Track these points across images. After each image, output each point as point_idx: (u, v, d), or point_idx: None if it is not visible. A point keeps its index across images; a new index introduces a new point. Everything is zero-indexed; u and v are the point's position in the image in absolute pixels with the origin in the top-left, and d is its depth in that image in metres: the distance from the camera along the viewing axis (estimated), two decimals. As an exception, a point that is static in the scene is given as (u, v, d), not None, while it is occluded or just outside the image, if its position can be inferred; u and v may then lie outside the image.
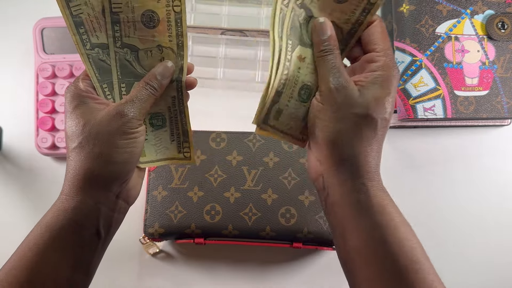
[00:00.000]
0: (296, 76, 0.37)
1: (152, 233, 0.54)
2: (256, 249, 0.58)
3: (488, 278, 0.58)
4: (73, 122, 0.37)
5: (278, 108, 0.38)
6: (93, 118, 0.36)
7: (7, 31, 0.64)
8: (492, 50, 0.58)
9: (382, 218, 0.35)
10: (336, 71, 0.36)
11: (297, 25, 0.37)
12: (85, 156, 0.36)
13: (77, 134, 0.36)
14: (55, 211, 0.36)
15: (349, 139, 0.35)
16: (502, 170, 0.61)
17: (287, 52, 0.36)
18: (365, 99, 0.35)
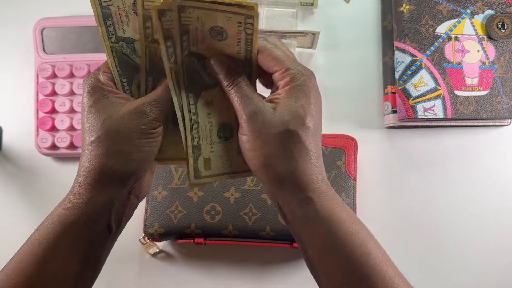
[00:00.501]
0: (208, 123, 0.37)
1: (152, 233, 0.54)
2: (256, 249, 0.58)
3: (488, 278, 0.58)
4: (93, 115, 0.36)
5: (203, 158, 0.38)
6: (114, 113, 0.36)
7: (7, 31, 0.64)
8: (492, 50, 0.58)
9: (332, 227, 0.35)
10: (246, 98, 0.36)
11: (195, 74, 0.37)
12: (102, 151, 0.35)
13: (96, 128, 0.36)
14: (67, 205, 0.36)
15: (279, 159, 0.35)
16: (502, 170, 0.61)
17: (190, 106, 0.37)
18: (280, 116, 0.35)
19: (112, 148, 0.36)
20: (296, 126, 0.35)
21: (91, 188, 0.36)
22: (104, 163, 0.36)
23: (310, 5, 0.62)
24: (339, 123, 0.61)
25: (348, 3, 0.64)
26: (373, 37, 0.63)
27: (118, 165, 0.36)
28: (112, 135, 0.36)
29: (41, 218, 0.37)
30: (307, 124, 0.35)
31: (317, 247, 0.35)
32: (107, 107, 0.36)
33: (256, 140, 0.35)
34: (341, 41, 0.63)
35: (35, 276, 0.34)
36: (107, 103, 0.36)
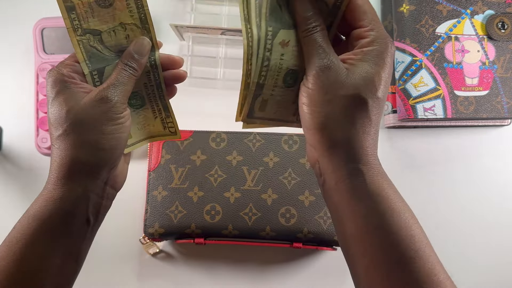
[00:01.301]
0: (279, 64, 0.35)
1: (152, 233, 0.54)
2: (256, 249, 0.58)
3: (488, 278, 0.58)
4: (56, 108, 0.35)
5: (262, 99, 0.36)
6: (76, 104, 0.35)
7: (7, 31, 0.64)
8: (492, 50, 0.58)
9: (379, 205, 0.33)
10: (322, 51, 0.33)
11: (276, 7, 0.34)
12: (71, 144, 0.35)
13: (61, 122, 0.35)
14: (42, 201, 0.35)
15: (339, 123, 0.33)
16: (502, 170, 0.61)
17: (266, 41, 0.34)
18: (353, 78, 0.32)
19: (79, 140, 0.35)
20: (367, 93, 0.32)
21: (65, 182, 0.35)
22: (74, 156, 0.35)
23: (310, 5, 0.62)
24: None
25: (348, 3, 0.64)
26: (373, 37, 0.63)
27: (88, 155, 0.35)
28: (77, 126, 0.35)
29: (27, 208, 0.37)
30: (378, 94, 0.33)
31: (359, 222, 0.33)
32: (69, 98, 0.35)
33: (321, 97, 0.33)
34: (341, 41, 0.63)
35: (16, 274, 0.34)
36: (68, 95, 0.35)
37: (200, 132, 0.56)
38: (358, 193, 0.33)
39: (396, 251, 0.32)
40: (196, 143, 0.56)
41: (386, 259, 0.32)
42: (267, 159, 0.55)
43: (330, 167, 0.34)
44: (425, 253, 0.32)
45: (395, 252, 0.32)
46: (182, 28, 0.59)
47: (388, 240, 0.32)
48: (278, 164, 0.55)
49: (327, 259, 0.58)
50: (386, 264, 0.32)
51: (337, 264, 0.58)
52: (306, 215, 0.53)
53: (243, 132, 0.56)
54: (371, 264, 0.33)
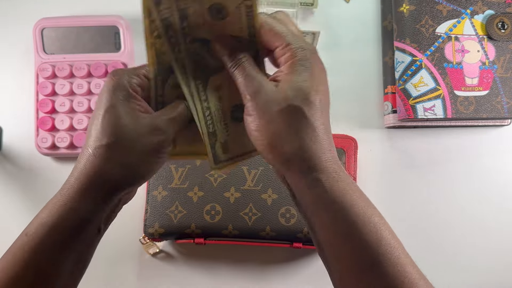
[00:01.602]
0: (219, 107, 0.36)
1: (152, 233, 0.54)
2: (256, 249, 0.58)
3: (488, 278, 0.58)
4: (109, 118, 0.34)
5: (220, 143, 0.37)
6: (131, 123, 0.34)
7: (7, 31, 0.64)
8: (492, 50, 0.58)
9: (343, 212, 0.33)
10: (249, 78, 0.34)
11: (201, 60, 0.36)
12: (110, 159, 0.34)
13: (109, 133, 0.34)
14: (61, 207, 0.35)
15: (284, 138, 0.33)
16: (502, 170, 0.61)
17: (199, 94, 0.36)
18: (283, 92, 0.33)
19: (120, 159, 0.35)
20: (299, 101, 0.33)
21: (88, 193, 0.35)
22: (108, 171, 0.35)
23: (310, 5, 0.62)
24: (339, 123, 0.61)
25: (348, 3, 0.64)
26: (373, 37, 0.63)
27: (121, 176, 0.35)
28: (123, 146, 0.34)
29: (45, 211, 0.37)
30: (311, 99, 0.33)
31: (327, 231, 0.34)
32: (126, 114, 0.34)
33: (261, 119, 0.34)
34: (341, 41, 0.63)
35: (29, 278, 0.35)
36: (126, 109, 0.35)
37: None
38: (321, 203, 0.34)
39: (365, 256, 0.33)
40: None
41: (356, 264, 0.33)
42: (267, 159, 0.55)
43: (292, 181, 0.35)
44: (393, 255, 0.33)
45: (365, 257, 0.33)
46: (182, 28, 0.59)
47: (357, 246, 0.33)
48: (278, 164, 0.55)
49: (327, 259, 0.58)
50: (357, 269, 0.33)
51: (337, 264, 0.58)
52: (306, 215, 0.53)
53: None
54: (344, 270, 0.34)
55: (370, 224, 0.33)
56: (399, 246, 0.34)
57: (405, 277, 0.33)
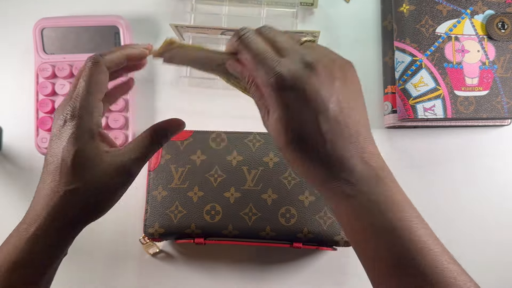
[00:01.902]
0: None
1: (152, 233, 0.54)
2: (256, 249, 0.58)
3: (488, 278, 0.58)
4: (80, 160, 0.35)
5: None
6: (100, 165, 0.36)
7: (7, 31, 0.65)
8: (492, 50, 0.58)
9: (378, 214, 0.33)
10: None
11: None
12: (80, 201, 0.36)
13: (79, 178, 0.35)
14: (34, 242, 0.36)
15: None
16: (502, 170, 0.61)
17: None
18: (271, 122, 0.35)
19: (88, 200, 0.36)
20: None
21: (57, 229, 0.36)
22: (77, 211, 0.36)
23: (310, 5, 0.62)
24: (339, 123, 0.61)
25: (348, 3, 0.64)
26: (373, 37, 0.63)
27: (88, 214, 0.37)
28: (92, 189, 0.36)
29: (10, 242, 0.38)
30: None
31: (361, 233, 0.34)
32: (94, 156, 0.36)
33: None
34: (341, 41, 0.63)
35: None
36: (94, 151, 0.36)
37: (200, 132, 0.56)
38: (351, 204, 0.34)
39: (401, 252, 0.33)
40: (196, 143, 0.56)
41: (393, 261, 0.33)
42: (267, 159, 0.55)
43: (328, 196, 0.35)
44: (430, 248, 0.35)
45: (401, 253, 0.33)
46: (182, 28, 0.59)
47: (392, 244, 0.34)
48: (278, 164, 0.55)
49: (327, 259, 0.58)
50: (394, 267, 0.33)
51: (337, 264, 0.58)
52: (306, 215, 0.53)
53: (243, 132, 0.56)
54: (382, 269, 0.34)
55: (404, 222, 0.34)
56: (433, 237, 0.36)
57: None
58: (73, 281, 0.58)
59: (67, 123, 0.36)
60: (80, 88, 0.36)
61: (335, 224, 0.53)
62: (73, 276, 0.58)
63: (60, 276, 0.58)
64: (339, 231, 0.53)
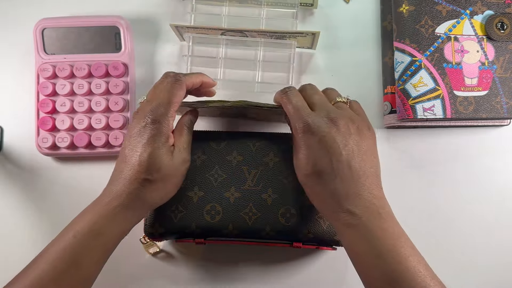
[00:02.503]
0: None
1: (152, 233, 0.54)
2: (256, 249, 0.58)
3: (488, 278, 0.58)
4: (156, 159, 0.44)
5: None
6: (170, 161, 0.46)
7: (7, 32, 0.65)
8: (492, 50, 0.58)
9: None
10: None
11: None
12: (154, 190, 0.45)
13: (155, 170, 0.44)
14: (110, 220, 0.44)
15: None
16: (501, 170, 0.61)
17: None
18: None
19: (162, 189, 0.46)
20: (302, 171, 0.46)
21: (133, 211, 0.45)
22: (151, 197, 0.46)
23: (310, 5, 0.63)
24: (339, 123, 0.61)
25: (348, 4, 0.65)
26: (373, 37, 0.64)
27: (159, 199, 0.47)
28: (164, 179, 0.46)
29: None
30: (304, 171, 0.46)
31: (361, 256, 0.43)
32: (166, 155, 0.45)
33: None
34: (341, 41, 0.64)
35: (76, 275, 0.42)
36: (165, 151, 0.45)
37: (200, 132, 0.56)
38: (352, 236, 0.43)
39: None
40: (196, 143, 0.56)
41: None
42: (267, 159, 0.55)
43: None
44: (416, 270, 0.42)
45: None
46: (182, 28, 0.59)
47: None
48: (278, 164, 0.55)
49: (327, 259, 0.58)
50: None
51: (337, 264, 0.58)
52: (306, 215, 0.53)
53: (243, 132, 0.56)
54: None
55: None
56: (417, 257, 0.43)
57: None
58: (74, 281, 0.58)
59: (148, 125, 0.44)
60: (164, 99, 0.45)
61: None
62: (73, 276, 0.58)
63: (60, 276, 0.59)
64: (339, 231, 0.53)
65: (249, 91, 0.62)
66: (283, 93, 0.47)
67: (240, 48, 0.63)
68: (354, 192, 0.42)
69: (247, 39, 0.61)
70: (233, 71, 0.63)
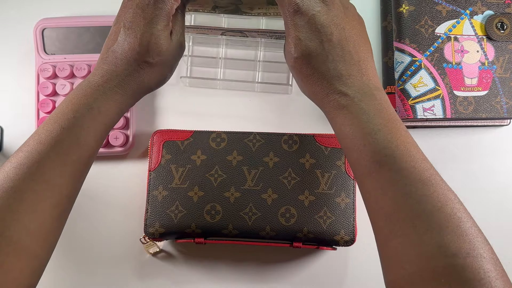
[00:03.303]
0: None
1: (152, 233, 0.54)
2: (256, 249, 0.58)
3: (487, 278, 0.58)
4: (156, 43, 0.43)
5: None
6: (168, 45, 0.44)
7: (7, 32, 0.65)
8: (492, 50, 0.59)
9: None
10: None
11: None
12: (153, 72, 0.44)
13: (155, 54, 0.43)
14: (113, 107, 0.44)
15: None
16: (502, 170, 0.61)
17: None
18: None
19: (159, 72, 0.45)
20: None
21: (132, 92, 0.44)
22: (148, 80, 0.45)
23: (310, 5, 0.63)
24: (339, 123, 0.61)
25: (348, 4, 0.65)
26: (372, 37, 0.64)
27: (157, 86, 0.47)
28: (162, 63, 0.44)
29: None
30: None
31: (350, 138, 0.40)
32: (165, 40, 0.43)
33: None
34: (341, 41, 0.64)
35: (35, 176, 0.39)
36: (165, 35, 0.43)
37: (200, 132, 0.56)
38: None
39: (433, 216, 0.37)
40: (196, 143, 0.56)
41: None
42: (267, 159, 0.55)
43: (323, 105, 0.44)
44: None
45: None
46: (182, 29, 0.59)
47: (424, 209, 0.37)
48: (278, 164, 0.55)
49: (327, 259, 0.58)
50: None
51: (337, 264, 0.58)
52: (306, 215, 0.53)
53: (243, 132, 0.56)
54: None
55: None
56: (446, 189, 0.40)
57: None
58: (73, 280, 0.58)
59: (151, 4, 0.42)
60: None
61: (335, 223, 0.53)
62: (73, 275, 0.58)
63: (60, 275, 0.59)
64: (339, 231, 0.53)
65: (249, 91, 0.62)
66: None
67: (240, 48, 0.63)
68: (346, 73, 0.40)
69: (247, 39, 0.61)
70: (233, 71, 0.63)
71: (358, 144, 0.38)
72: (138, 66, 0.43)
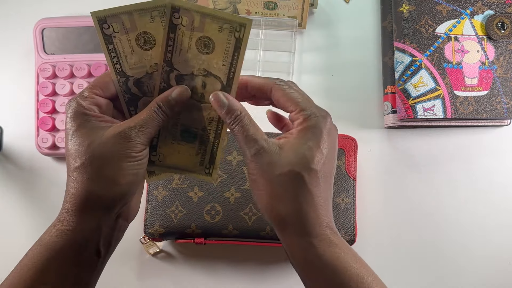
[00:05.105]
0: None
1: (152, 233, 0.54)
2: (256, 249, 0.58)
3: (488, 278, 0.58)
4: (76, 140, 0.36)
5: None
6: (98, 138, 0.35)
7: (7, 31, 0.65)
8: (492, 50, 0.58)
9: (336, 276, 0.35)
10: (249, 139, 0.36)
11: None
12: (88, 177, 0.35)
13: (80, 154, 0.35)
14: (55, 232, 0.36)
15: (282, 201, 0.35)
16: (502, 170, 0.61)
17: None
18: (286, 156, 0.35)
19: (97, 174, 0.35)
20: (301, 168, 0.35)
21: (78, 214, 0.36)
22: (90, 189, 0.35)
23: (310, 5, 0.62)
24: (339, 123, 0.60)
25: (348, 4, 0.65)
26: (373, 37, 0.64)
27: (104, 190, 0.36)
28: (96, 160, 0.35)
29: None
30: (313, 166, 0.35)
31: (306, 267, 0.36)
32: (90, 132, 0.36)
33: (261, 179, 0.36)
34: (341, 41, 0.64)
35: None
36: (90, 128, 0.36)
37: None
38: (314, 266, 0.35)
39: None
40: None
41: None
42: (267, 159, 0.55)
43: (286, 243, 0.36)
44: None
45: None
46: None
47: None
48: (278, 164, 0.55)
49: (327, 259, 0.58)
50: None
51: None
52: (306, 215, 0.53)
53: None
54: None
55: (364, 284, 0.35)
56: None
57: None
58: (74, 281, 0.58)
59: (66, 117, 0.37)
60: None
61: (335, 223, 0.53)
62: (73, 276, 0.58)
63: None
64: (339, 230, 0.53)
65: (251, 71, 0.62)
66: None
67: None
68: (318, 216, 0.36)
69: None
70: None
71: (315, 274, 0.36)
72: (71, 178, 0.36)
